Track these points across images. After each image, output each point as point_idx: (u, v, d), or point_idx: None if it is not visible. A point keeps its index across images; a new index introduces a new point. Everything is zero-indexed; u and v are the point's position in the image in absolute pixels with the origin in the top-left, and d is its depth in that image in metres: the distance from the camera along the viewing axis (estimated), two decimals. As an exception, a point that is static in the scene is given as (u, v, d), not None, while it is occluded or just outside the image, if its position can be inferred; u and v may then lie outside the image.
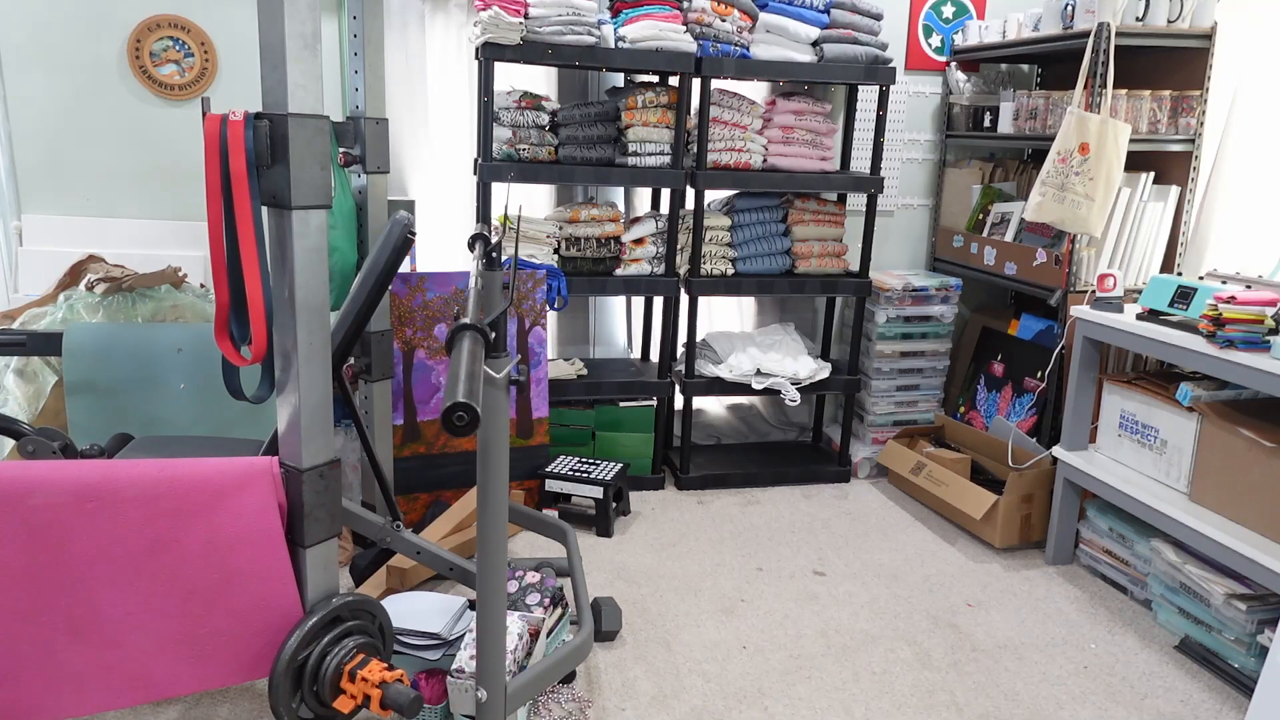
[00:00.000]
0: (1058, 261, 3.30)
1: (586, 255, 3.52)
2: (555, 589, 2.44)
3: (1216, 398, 2.70)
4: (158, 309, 3.04)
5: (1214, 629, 2.59)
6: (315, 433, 1.87)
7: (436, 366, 3.27)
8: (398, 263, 2.37)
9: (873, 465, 3.98)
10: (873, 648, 2.65)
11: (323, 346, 1.86)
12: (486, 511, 1.78)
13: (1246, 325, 2.46)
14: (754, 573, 3.07)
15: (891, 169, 4.15)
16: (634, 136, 3.43)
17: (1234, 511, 2.58)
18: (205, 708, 2.25)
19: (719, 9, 3.41)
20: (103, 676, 1.79)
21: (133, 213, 3.46)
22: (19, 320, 2.97)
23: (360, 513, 2.47)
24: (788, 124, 3.63)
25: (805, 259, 3.74)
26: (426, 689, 2.16)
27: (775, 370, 3.71)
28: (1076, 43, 3.19)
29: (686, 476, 3.74)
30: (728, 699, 2.39)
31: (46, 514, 1.72)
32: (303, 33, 1.72)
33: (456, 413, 1.33)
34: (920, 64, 4.08)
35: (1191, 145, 3.28)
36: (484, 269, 1.92)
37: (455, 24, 3.68)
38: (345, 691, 1.87)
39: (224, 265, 1.84)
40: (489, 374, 1.68)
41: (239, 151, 1.74)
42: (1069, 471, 3.10)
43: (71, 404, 2.83)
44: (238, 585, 1.83)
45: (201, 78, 3.44)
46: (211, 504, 1.80)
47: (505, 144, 3.39)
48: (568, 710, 2.27)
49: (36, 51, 3.30)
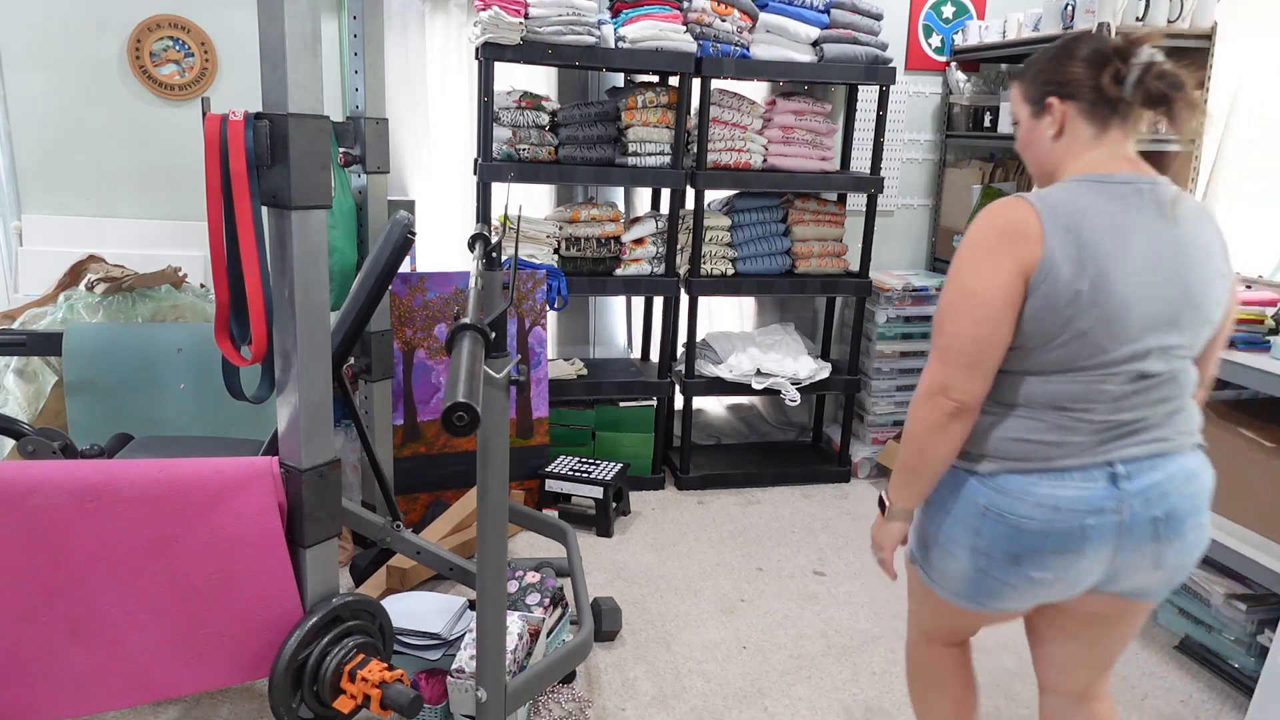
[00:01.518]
0: (1058, 261, 3.30)
1: (586, 255, 3.52)
2: (555, 589, 2.44)
3: (1216, 398, 2.70)
4: (158, 309, 3.04)
5: (1214, 629, 2.59)
6: (315, 433, 1.87)
7: (436, 366, 3.27)
8: (398, 263, 2.37)
9: (873, 465, 3.98)
10: (873, 648, 2.65)
11: (323, 346, 1.86)
12: (486, 511, 1.78)
13: (1246, 325, 2.46)
14: (754, 573, 3.07)
15: (891, 169, 4.15)
16: (634, 136, 3.43)
17: (1234, 511, 2.58)
18: (205, 708, 2.25)
19: (719, 9, 3.41)
20: (103, 676, 1.79)
21: (133, 213, 3.46)
22: (19, 320, 2.97)
23: (360, 513, 2.47)
24: (788, 124, 3.63)
25: (805, 259, 3.74)
26: (426, 689, 2.16)
27: (775, 370, 3.71)
28: (1076, 43, 3.19)
29: (686, 476, 3.74)
30: (728, 699, 2.39)
31: (46, 514, 1.72)
32: (303, 33, 1.72)
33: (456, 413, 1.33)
34: (920, 64, 4.08)
35: (1191, 145, 3.28)
36: (484, 269, 1.92)
37: (455, 24, 3.68)
38: (345, 691, 1.87)
39: (224, 265, 1.84)
40: (489, 374, 1.68)
41: (239, 151, 1.74)
42: (1069, 471, 3.10)
43: (71, 404, 2.83)
44: (238, 585, 1.83)
45: (201, 78, 3.44)
46: (211, 504, 1.80)
47: (505, 144, 3.39)
48: (568, 710, 2.27)
49: (36, 51, 3.30)
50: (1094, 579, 1.55)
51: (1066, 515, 1.48)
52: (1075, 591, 1.57)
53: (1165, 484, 1.50)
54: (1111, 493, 1.48)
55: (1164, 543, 1.51)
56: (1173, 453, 1.52)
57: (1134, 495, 1.48)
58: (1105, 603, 1.61)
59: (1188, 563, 1.57)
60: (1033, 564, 1.52)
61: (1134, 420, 1.49)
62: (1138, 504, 1.48)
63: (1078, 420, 1.48)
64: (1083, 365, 1.46)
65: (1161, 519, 1.50)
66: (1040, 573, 1.52)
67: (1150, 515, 1.49)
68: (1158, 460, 1.50)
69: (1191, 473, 1.53)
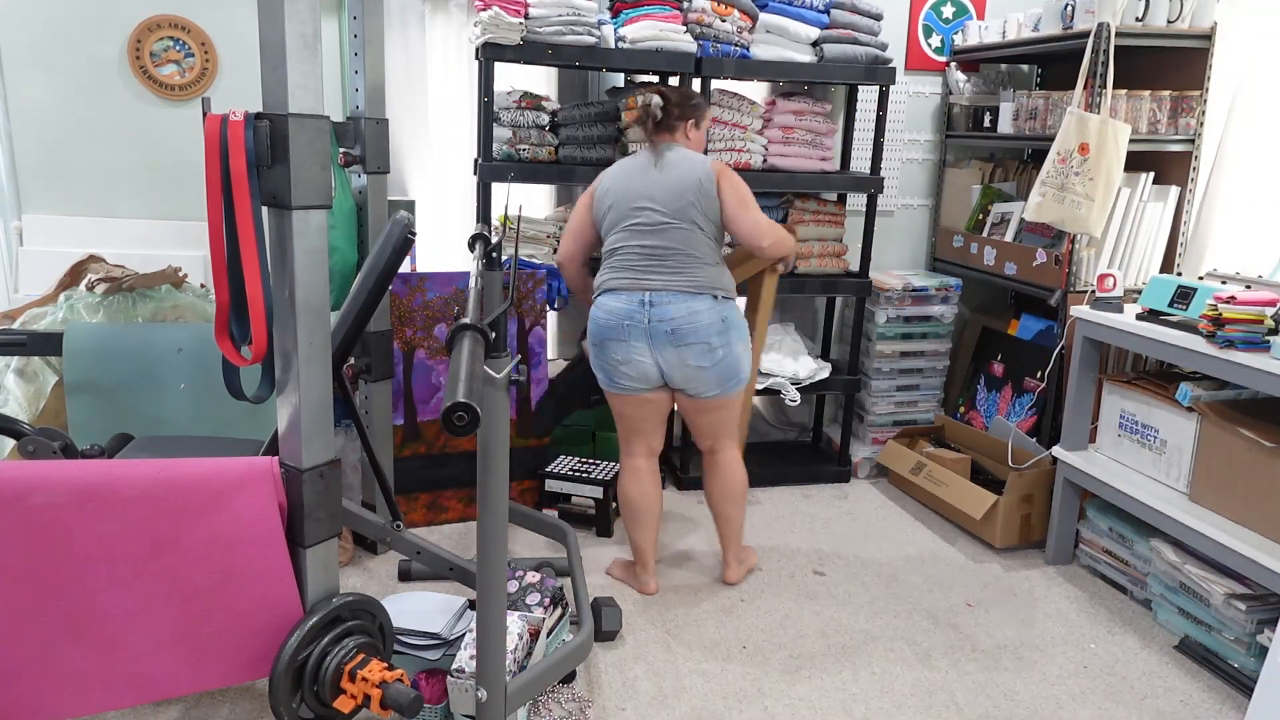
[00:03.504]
0: (1058, 261, 3.30)
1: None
2: (555, 589, 2.44)
3: (1216, 398, 2.70)
4: (158, 309, 3.04)
5: (1214, 629, 2.59)
6: (315, 433, 1.87)
7: (436, 366, 3.27)
8: (398, 263, 2.37)
9: (873, 465, 3.98)
10: (873, 648, 2.65)
11: (323, 346, 1.86)
12: (486, 511, 1.78)
13: (1246, 325, 2.46)
14: (754, 573, 3.07)
15: (891, 169, 4.16)
16: (634, 136, 3.43)
17: (1234, 511, 2.58)
18: (205, 708, 2.25)
19: (719, 9, 3.41)
20: (103, 676, 1.79)
21: (133, 213, 3.47)
22: (19, 320, 2.97)
23: (360, 513, 2.47)
24: (788, 124, 3.64)
25: (805, 259, 3.74)
26: (426, 689, 2.16)
27: (775, 370, 3.71)
28: (1076, 43, 3.19)
29: (686, 476, 3.74)
30: (728, 699, 2.39)
31: (47, 514, 1.72)
32: (303, 33, 1.73)
33: (457, 413, 1.34)
34: (920, 64, 4.08)
35: (1191, 145, 3.28)
36: (484, 269, 1.92)
37: (455, 24, 3.68)
38: (345, 691, 1.87)
39: (224, 265, 1.84)
40: (489, 374, 1.68)
41: (239, 151, 1.74)
42: (1069, 471, 3.10)
43: (71, 404, 2.83)
44: (238, 585, 1.83)
45: (202, 78, 3.45)
46: (212, 504, 1.80)
47: (505, 144, 3.39)
48: (568, 710, 2.28)
49: (36, 51, 3.30)
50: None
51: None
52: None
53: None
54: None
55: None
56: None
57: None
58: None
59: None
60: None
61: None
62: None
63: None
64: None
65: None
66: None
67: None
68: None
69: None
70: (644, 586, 2.91)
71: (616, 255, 2.73)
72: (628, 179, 2.74)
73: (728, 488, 2.88)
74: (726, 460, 2.87)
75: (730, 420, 2.84)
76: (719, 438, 2.85)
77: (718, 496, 2.90)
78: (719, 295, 2.69)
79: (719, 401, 2.76)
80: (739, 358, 2.73)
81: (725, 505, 2.90)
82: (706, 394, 2.73)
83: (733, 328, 2.71)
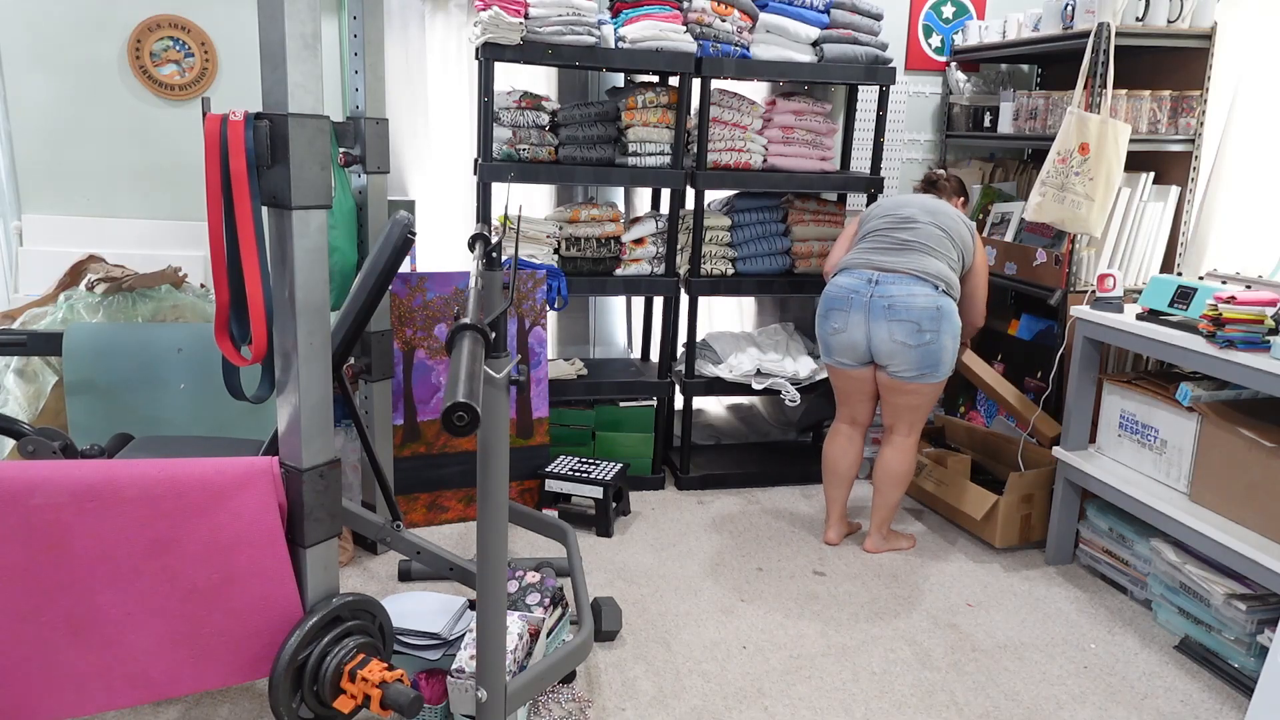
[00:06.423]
0: (1058, 261, 3.30)
1: (586, 255, 3.52)
2: (555, 589, 2.44)
3: (1216, 398, 2.70)
4: (158, 309, 3.04)
5: (1214, 629, 2.59)
6: (315, 433, 1.87)
7: (436, 366, 3.27)
8: (398, 263, 2.37)
9: (872, 465, 3.97)
10: (873, 648, 2.65)
11: (323, 346, 1.86)
12: (486, 511, 1.78)
13: (1246, 325, 2.46)
14: (754, 573, 3.07)
15: (891, 169, 4.15)
16: (634, 136, 3.43)
17: (1234, 511, 2.58)
18: (205, 708, 2.25)
19: (719, 9, 3.41)
20: (103, 676, 1.79)
21: (133, 213, 3.47)
22: (19, 320, 2.97)
23: (360, 513, 2.47)
24: (788, 124, 3.63)
25: (805, 259, 3.74)
26: (426, 689, 2.16)
27: (775, 370, 3.71)
28: (1076, 43, 3.19)
29: (686, 476, 3.74)
30: (728, 699, 2.39)
31: (46, 514, 1.72)
32: (303, 33, 1.73)
33: (456, 413, 1.34)
34: (920, 64, 4.08)
35: (1191, 145, 3.28)
36: (484, 269, 1.92)
37: (455, 24, 3.68)
38: (345, 691, 1.87)
39: (224, 265, 1.84)
40: (489, 374, 1.68)
41: (239, 151, 1.74)
42: (1069, 471, 3.10)
43: (71, 404, 2.83)
44: (238, 585, 1.83)
45: (201, 78, 3.44)
46: (211, 504, 1.80)
47: (505, 144, 3.39)
48: (568, 710, 2.28)
49: (36, 51, 3.30)
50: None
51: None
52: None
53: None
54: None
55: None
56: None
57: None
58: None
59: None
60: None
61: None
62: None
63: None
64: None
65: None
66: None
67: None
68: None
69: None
70: (824, 535, 3.30)
71: (861, 241, 3.06)
72: (900, 200, 3.11)
73: (888, 469, 3.15)
74: (897, 445, 3.12)
75: (918, 410, 3.05)
76: (901, 422, 3.09)
77: (878, 475, 3.18)
78: (940, 287, 2.91)
79: (914, 386, 2.97)
80: (944, 349, 2.91)
81: (882, 484, 3.18)
82: (904, 374, 2.94)
83: (946, 318, 2.89)
